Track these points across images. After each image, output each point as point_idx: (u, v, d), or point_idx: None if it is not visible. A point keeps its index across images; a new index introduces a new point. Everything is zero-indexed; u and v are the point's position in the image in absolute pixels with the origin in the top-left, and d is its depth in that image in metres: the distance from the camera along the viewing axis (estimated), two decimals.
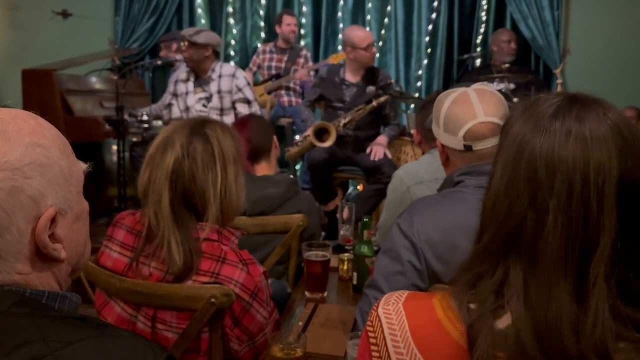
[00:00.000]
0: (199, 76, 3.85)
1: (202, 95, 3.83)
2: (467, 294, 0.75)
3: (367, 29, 5.25)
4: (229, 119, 3.82)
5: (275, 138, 2.38)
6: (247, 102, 3.84)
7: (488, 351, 0.68)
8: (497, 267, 0.73)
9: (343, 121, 3.73)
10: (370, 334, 0.80)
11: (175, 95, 3.94)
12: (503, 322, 0.70)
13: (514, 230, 0.71)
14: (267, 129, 2.39)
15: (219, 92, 3.80)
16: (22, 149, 0.72)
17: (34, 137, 0.74)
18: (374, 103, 3.69)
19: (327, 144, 3.69)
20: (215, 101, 3.79)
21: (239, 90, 3.81)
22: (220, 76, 3.81)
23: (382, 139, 3.80)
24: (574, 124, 0.71)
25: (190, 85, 3.86)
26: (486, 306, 0.71)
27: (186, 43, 3.73)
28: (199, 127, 1.43)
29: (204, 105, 3.82)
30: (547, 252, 0.68)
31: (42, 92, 4.09)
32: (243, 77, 3.86)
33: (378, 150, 3.72)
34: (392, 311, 0.80)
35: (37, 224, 0.73)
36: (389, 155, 3.72)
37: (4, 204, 0.70)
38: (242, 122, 2.43)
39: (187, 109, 3.85)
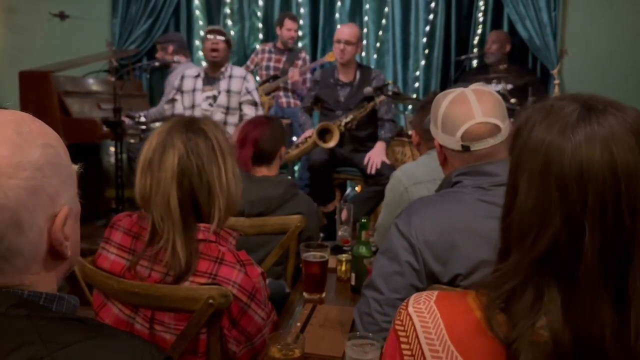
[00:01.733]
0: (209, 74, 3.88)
1: (210, 93, 3.86)
2: (497, 309, 0.73)
3: (365, 30, 5.27)
4: (233, 119, 3.85)
5: (283, 150, 2.38)
6: (255, 104, 3.90)
7: None
8: (529, 285, 0.71)
9: (344, 120, 3.74)
10: (401, 333, 0.79)
11: (180, 91, 3.93)
12: (540, 334, 0.69)
13: (547, 249, 0.70)
14: (278, 138, 2.37)
15: (228, 91, 3.84)
16: (39, 150, 0.74)
17: (45, 138, 0.77)
18: (377, 101, 3.69)
19: (331, 144, 3.70)
20: (222, 99, 3.82)
21: (248, 92, 3.88)
22: (230, 76, 3.87)
23: (380, 147, 3.74)
24: (598, 131, 0.69)
25: (199, 82, 3.88)
26: (523, 324, 0.69)
27: (222, 39, 3.81)
28: (192, 124, 1.43)
29: (210, 104, 3.84)
30: (586, 269, 0.67)
31: (39, 94, 4.09)
32: (253, 81, 3.97)
33: (375, 160, 3.69)
34: (424, 310, 0.79)
35: (55, 222, 0.76)
36: (388, 162, 3.71)
37: (27, 203, 0.72)
38: (255, 124, 2.41)
39: (192, 106, 3.86)
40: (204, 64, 4.43)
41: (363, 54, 5.28)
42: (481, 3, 5.03)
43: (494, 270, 0.76)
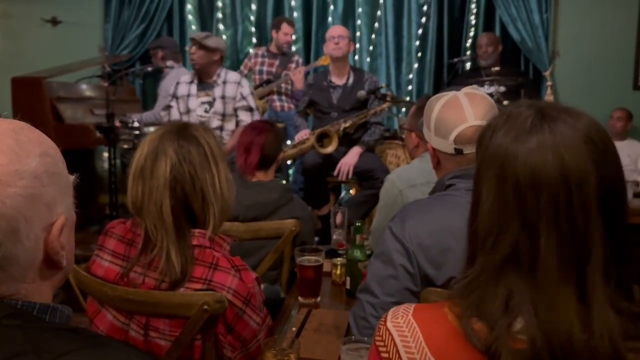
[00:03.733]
0: (203, 80, 3.86)
1: (205, 99, 3.84)
2: (472, 316, 0.74)
3: (358, 33, 5.28)
4: (230, 125, 3.84)
5: (280, 155, 2.40)
6: (250, 110, 3.87)
7: None
8: (499, 287, 0.73)
9: (344, 125, 3.75)
10: (381, 349, 0.80)
11: (175, 97, 3.92)
12: (518, 338, 0.70)
13: (509, 252, 0.72)
14: (279, 142, 2.41)
15: (223, 97, 3.81)
16: (37, 158, 0.75)
17: (43, 147, 0.77)
18: (377, 109, 3.73)
19: (329, 150, 3.71)
20: (218, 106, 3.80)
21: (243, 98, 3.84)
22: (225, 82, 3.84)
23: (353, 152, 3.73)
24: (548, 137, 0.71)
25: (194, 88, 3.86)
26: (499, 325, 0.71)
27: (195, 46, 3.76)
28: (184, 130, 1.43)
29: (205, 111, 3.82)
30: (546, 268, 0.70)
31: (32, 100, 4.07)
32: (247, 86, 3.93)
33: (344, 169, 3.69)
34: (402, 324, 0.80)
35: (51, 231, 0.76)
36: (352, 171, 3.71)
37: (25, 211, 0.72)
38: (259, 130, 2.42)
39: (188, 111, 3.85)
40: None
41: (356, 57, 5.30)
42: (473, 5, 5.06)
43: (462, 277, 0.78)
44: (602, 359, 0.67)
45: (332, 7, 5.35)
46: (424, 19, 5.16)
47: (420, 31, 5.19)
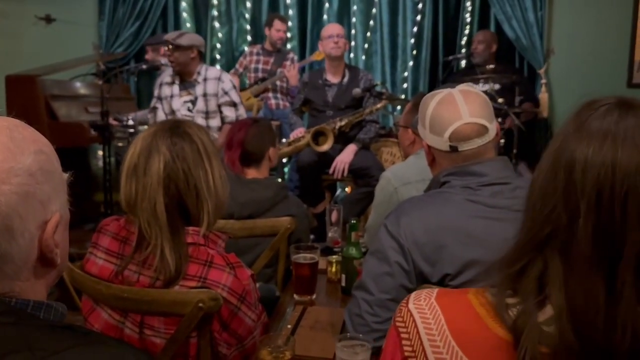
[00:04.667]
0: (184, 79, 3.83)
1: (188, 98, 3.82)
2: (508, 289, 0.76)
3: (353, 31, 5.29)
4: (215, 122, 3.83)
5: (271, 151, 2.37)
6: (234, 105, 3.83)
7: (534, 346, 0.69)
8: (536, 261, 0.74)
9: (339, 124, 3.75)
10: (402, 329, 0.80)
11: (159, 98, 3.92)
12: (545, 315, 0.72)
13: (551, 228, 0.74)
14: (264, 138, 2.36)
15: (205, 95, 3.79)
16: (32, 156, 0.74)
17: (37, 145, 0.77)
18: (373, 108, 3.73)
19: (324, 148, 3.71)
20: (200, 104, 3.78)
21: (225, 93, 3.80)
22: (205, 79, 3.80)
23: (349, 149, 3.74)
24: (612, 128, 0.72)
25: (176, 88, 3.84)
26: (529, 300, 0.72)
27: (170, 47, 3.71)
28: (177, 128, 1.42)
29: (189, 110, 3.81)
30: (580, 250, 0.71)
31: (26, 98, 4.05)
32: (229, 80, 3.86)
33: (339, 167, 3.70)
34: (424, 306, 0.80)
35: (46, 229, 0.75)
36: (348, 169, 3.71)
37: (19, 209, 0.72)
38: (241, 126, 2.42)
39: (172, 112, 3.83)
40: None
41: (351, 55, 5.30)
42: (468, 3, 5.07)
43: (510, 246, 0.79)
44: (620, 352, 0.67)
45: (327, 4, 5.35)
46: (419, 17, 5.17)
47: (415, 29, 5.19)
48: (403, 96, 5.11)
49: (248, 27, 5.51)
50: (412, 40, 5.20)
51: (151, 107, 4.01)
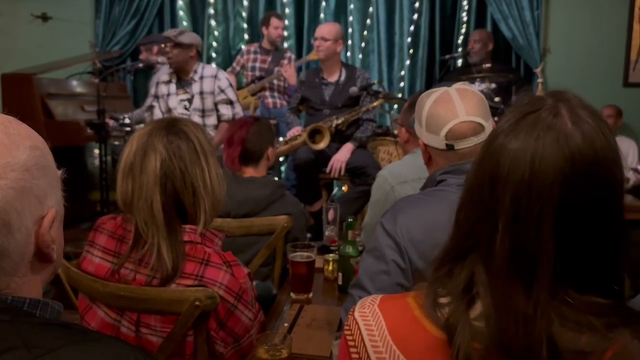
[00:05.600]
0: (181, 78, 3.83)
1: (184, 96, 3.82)
2: (438, 290, 0.78)
3: (350, 30, 5.28)
4: (211, 120, 3.83)
5: (270, 150, 2.36)
6: (230, 103, 3.84)
7: (467, 343, 0.71)
8: (464, 266, 0.77)
9: (336, 122, 3.75)
10: (349, 337, 0.83)
11: (156, 97, 3.92)
12: (476, 311, 0.73)
13: (474, 240, 0.76)
14: (265, 138, 2.36)
15: (201, 93, 3.79)
16: (27, 151, 0.74)
17: (32, 140, 0.77)
18: (369, 106, 3.73)
19: (321, 146, 3.71)
20: (196, 102, 3.78)
21: (221, 91, 3.81)
22: (202, 77, 3.81)
23: (345, 148, 3.74)
24: (531, 143, 0.72)
25: (173, 86, 3.84)
26: (459, 299, 0.75)
27: (170, 44, 3.71)
28: (173, 126, 1.42)
29: (185, 108, 3.81)
30: (499, 259, 0.72)
31: (22, 97, 4.04)
32: (225, 79, 3.86)
33: (335, 165, 3.70)
34: (368, 313, 0.82)
35: (42, 224, 0.76)
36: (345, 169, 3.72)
37: (16, 204, 0.72)
38: (242, 123, 2.41)
39: (169, 110, 3.83)
40: None
41: (348, 53, 5.30)
42: (465, 2, 5.07)
43: (438, 253, 0.83)
44: (537, 358, 0.68)
45: (324, 3, 5.34)
46: (415, 16, 5.17)
47: (412, 28, 5.19)
48: (400, 95, 5.12)
49: (245, 25, 5.49)
50: (409, 39, 5.20)
51: (147, 105, 4.00)
